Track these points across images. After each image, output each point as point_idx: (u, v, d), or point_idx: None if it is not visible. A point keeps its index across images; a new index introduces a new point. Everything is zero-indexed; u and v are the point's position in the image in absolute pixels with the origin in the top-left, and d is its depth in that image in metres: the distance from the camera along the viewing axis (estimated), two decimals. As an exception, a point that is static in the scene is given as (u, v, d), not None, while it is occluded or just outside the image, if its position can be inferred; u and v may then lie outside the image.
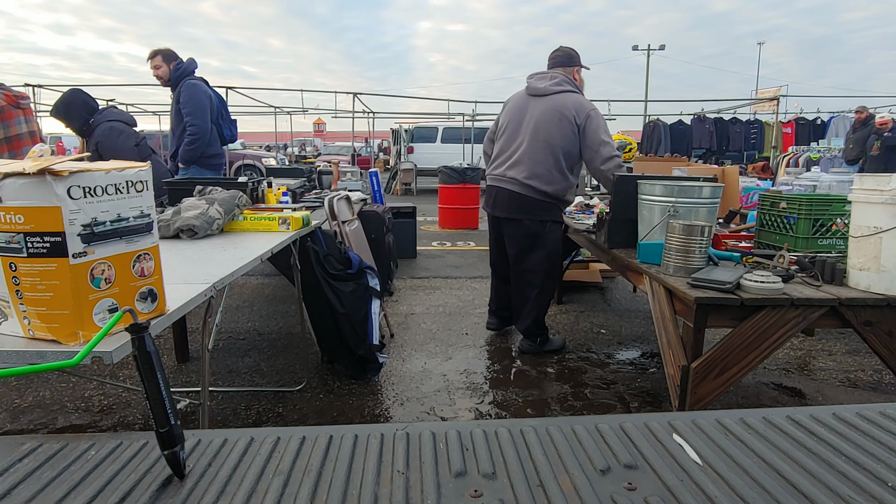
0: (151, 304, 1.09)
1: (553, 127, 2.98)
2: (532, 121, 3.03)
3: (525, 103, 3.11)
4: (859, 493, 0.58)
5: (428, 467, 0.63)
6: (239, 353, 3.20)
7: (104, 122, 3.51)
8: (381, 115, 14.76)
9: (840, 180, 3.98)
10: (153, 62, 3.76)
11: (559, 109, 2.98)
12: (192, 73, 3.83)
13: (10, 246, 0.91)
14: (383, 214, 4.51)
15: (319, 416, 2.46)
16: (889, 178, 1.74)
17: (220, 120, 3.95)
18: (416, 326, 3.65)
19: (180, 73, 3.76)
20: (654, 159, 6.63)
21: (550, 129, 2.98)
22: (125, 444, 0.69)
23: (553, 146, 2.99)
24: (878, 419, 0.75)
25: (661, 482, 0.60)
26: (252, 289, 4.64)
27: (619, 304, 4.27)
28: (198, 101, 3.72)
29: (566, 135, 2.98)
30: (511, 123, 3.13)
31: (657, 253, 2.22)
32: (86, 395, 2.64)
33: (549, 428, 0.72)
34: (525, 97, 3.13)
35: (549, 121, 2.99)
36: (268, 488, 0.59)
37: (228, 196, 2.34)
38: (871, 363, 3.10)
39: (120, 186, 0.98)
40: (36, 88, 10.56)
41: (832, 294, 1.84)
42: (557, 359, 3.13)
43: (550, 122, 2.98)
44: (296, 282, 2.58)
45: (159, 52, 3.76)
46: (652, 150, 11.86)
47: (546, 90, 3.04)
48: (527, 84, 3.16)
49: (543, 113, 3.01)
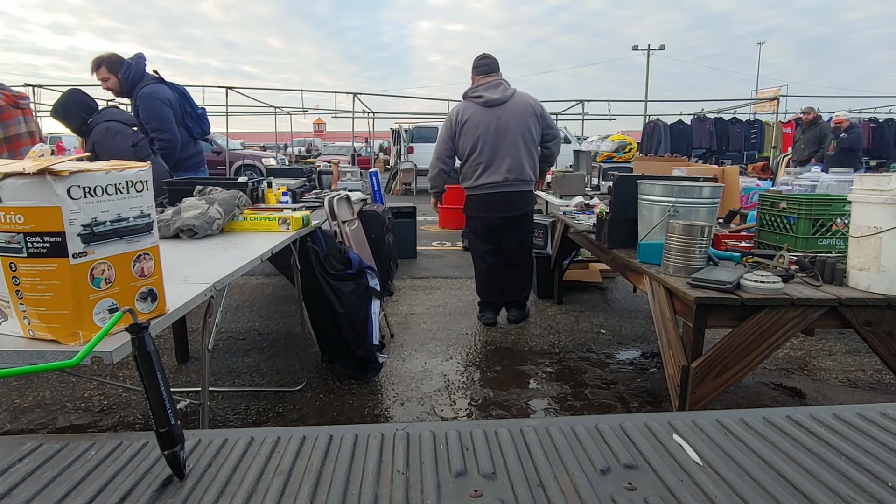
0: (151, 304, 1.09)
1: (526, 126, 3.44)
2: (508, 127, 3.41)
3: (490, 116, 3.43)
4: (859, 493, 0.58)
5: (428, 467, 0.63)
6: (239, 353, 3.20)
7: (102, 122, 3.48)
8: (381, 115, 14.77)
9: (840, 180, 3.98)
10: (98, 74, 3.45)
11: (524, 109, 3.44)
12: (143, 76, 3.52)
13: (10, 246, 0.91)
14: (383, 214, 4.51)
15: (319, 416, 2.46)
16: (889, 178, 1.74)
17: (187, 119, 3.67)
18: (416, 326, 3.65)
19: (131, 82, 3.46)
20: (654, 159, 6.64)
21: (525, 129, 3.44)
22: (125, 444, 0.69)
23: (529, 142, 3.48)
24: (878, 419, 0.75)
25: (661, 482, 0.60)
26: (252, 289, 4.64)
27: (619, 304, 4.27)
28: (158, 113, 3.43)
29: (536, 127, 3.49)
30: (486, 136, 3.43)
31: (657, 253, 2.22)
32: (86, 395, 2.64)
33: (549, 428, 0.72)
34: (484, 110, 3.44)
35: (522, 122, 3.42)
36: (268, 488, 0.59)
37: (228, 196, 2.34)
38: (871, 363, 3.10)
39: (120, 186, 0.98)
40: (35, 88, 10.57)
41: (832, 294, 1.84)
42: (557, 359, 3.13)
43: (523, 123, 3.42)
44: (296, 282, 2.58)
45: (102, 63, 3.44)
46: (652, 150, 11.85)
47: (504, 98, 3.43)
48: (482, 98, 3.44)
49: (514, 117, 3.41)
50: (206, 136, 3.94)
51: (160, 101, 3.45)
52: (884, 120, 11.98)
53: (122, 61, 3.47)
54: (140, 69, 3.51)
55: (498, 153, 3.42)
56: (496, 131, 3.41)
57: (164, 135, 3.44)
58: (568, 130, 15.18)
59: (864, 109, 13.80)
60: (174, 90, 3.62)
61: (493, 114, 3.41)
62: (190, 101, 3.74)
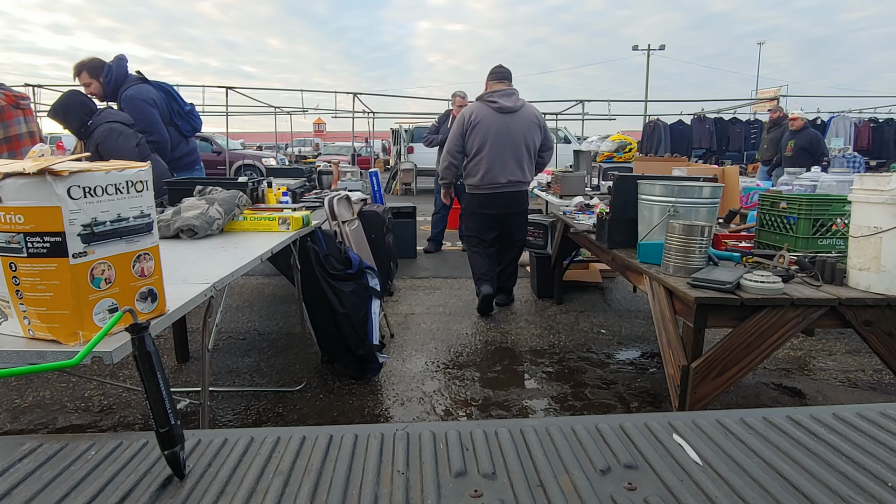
0: (151, 304, 1.09)
1: (530, 134, 3.81)
2: (516, 134, 3.76)
3: (502, 122, 3.75)
4: (859, 493, 0.58)
5: (428, 467, 0.63)
6: (239, 353, 3.20)
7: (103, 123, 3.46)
8: (380, 115, 14.76)
9: (840, 180, 3.98)
10: (80, 80, 3.41)
11: (530, 120, 3.82)
12: (125, 78, 3.46)
13: (10, 246, 0.91)
14: (383, 214, 4.51)
15: (319, 416, 2.46)
16: (889, 178, 1.74)
17: (175, 117, 3.61)
18: (416, 326, 3.65)
19: (114, 85, 3.41)
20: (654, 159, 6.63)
21: (530, 137, 3.81)
22: (125, 444, 0.69)
23: (531, 150, 3.85)
24: (878, 419, 0.75)
25: (661, 482, 0.60)
26: (252, 289, 4.64)
27: (619, 304, 4.27)
28: (143, 115, 3.36)
29: (538, 137, 3.87)
30: (497, 141, 3.76)
31: (657, 253, 2.22)
32: (86, 395, 2.64)
33: (549, 428, 0.72)
34: (496, 115, 3.75)
35: (528, 130, 3.80)
36: (268, 488, 0.59)
37: (228, 196, 2.34)
38: (871, 363, 3.10)
39: (120, 186, 0.98)
40: (36, 88, 10.56)
41: (832, 294, 1.84)
42: (557, 359, 3.13)
43: (528, 132, 3.80)
44: (296, 282, 2.58)
45: (83, 68, 3.39)
46: (652, 150, 11.85)
47: (515, 107, 3.77)
48: (497, 104, 3.74)
49: (523, 126, 3.79)
50: (196, 133, 3.88)
51: (144, 101, 3.40)
52: (884, 120, 11.98)
53: (103, 65, 3.43)
54: (122, 71, 3.47)
55: (503, 156, 3.74)
56: (505, 137, 3.73)
57: (152, 136, 3.39)
58: (568, 130, 15.17)
59: (864, 109, 13.78)
60: (159, 89, 3.57)
61: (504, 120, 3.73)
62: (177, 98, 3.68)
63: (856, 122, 11.69)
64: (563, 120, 14.08)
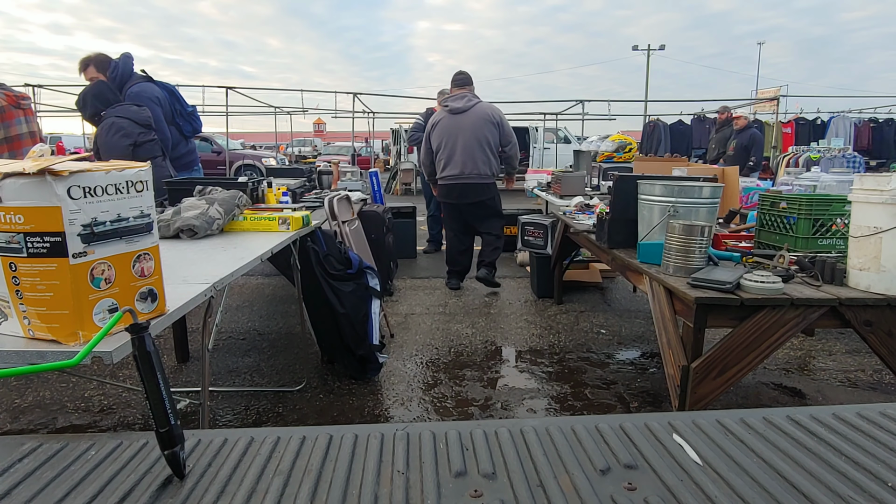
0: (151, 304, 1.09)
1: (481, 131, 4.20)
2: (466, 130, 4.20)
3: (454, 121, 4.24)
4: (859, 493, 0.58)
5: (428, 467, 0.63)
6: (239, 353, 3.20)
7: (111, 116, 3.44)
8: (380, 115, 14.75)
9: (840, 180, 3.98)
10: (86, 74, 3.43)
11: (482, 117, 4.22)
12: (131, 75, 3.49)
13: (10, 246, 0.91)
14: (383, 214, 4.51)
15: (319, 416, 2.46)
16: (889, 178, 1.74)
17: (177, 117, 3.64)
18: (416, 326, 3.65)
19: (119, 81, 3.43)
20: (654, 159, 6.62)
21: (481, 133, 4.20)
22: (125, 444, 0.69)
23: (485, 144, 4.22)
24: (878, 419, 0.75)
25: (661, 482, 0.60)
26: (252, 289, 4.64)
27: (619, 304, 4.27)
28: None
29: (492, 132, 4.25)
30: (449, 138, 4.25)
31: (657, 253, 2.22)
32: (86, 395, 2.64)
33: (549, 428, 0.72)
34: (450, 117, 4.26)
35: (479, 126, 4.20)
36: (268, 488, 0.59)
37: (228, 196, 2.34)
38: (871, 363, 3.10)
39: (120, 186, 0.98)
40: (35, 88, 10.56)
41: (832, 294, 1.84)
42: (557, 359, 3.13)
43: (479, 129, 4.20)
44: (296, 282, 2.58)
45: (90, 63, 3.41)
46: (652, 150, 11.85)
47: (466, 107, 4.22)
48: (448, 107, 4.27)
49: (473, 122, 4.20)
50: (196, 134, 3.93)
51: (148, 99, 3.42)
52: (884, 120, 11.97)
53: (110, 61, 3.45)
54: (128, 68, 3.49)
55: (456, 152, 4.22)
56: (455, 134, 4.23)
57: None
58: (568, 130, 15.17)
59: (864, 109, 13.78)
60: (163, 88, 3.59)
61: (455, 120, 4.23)
62: (179, 98, 3.71)
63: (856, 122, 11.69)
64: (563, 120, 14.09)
